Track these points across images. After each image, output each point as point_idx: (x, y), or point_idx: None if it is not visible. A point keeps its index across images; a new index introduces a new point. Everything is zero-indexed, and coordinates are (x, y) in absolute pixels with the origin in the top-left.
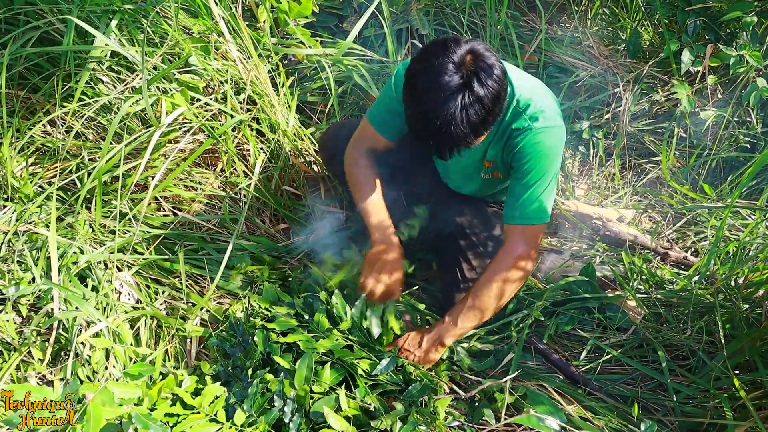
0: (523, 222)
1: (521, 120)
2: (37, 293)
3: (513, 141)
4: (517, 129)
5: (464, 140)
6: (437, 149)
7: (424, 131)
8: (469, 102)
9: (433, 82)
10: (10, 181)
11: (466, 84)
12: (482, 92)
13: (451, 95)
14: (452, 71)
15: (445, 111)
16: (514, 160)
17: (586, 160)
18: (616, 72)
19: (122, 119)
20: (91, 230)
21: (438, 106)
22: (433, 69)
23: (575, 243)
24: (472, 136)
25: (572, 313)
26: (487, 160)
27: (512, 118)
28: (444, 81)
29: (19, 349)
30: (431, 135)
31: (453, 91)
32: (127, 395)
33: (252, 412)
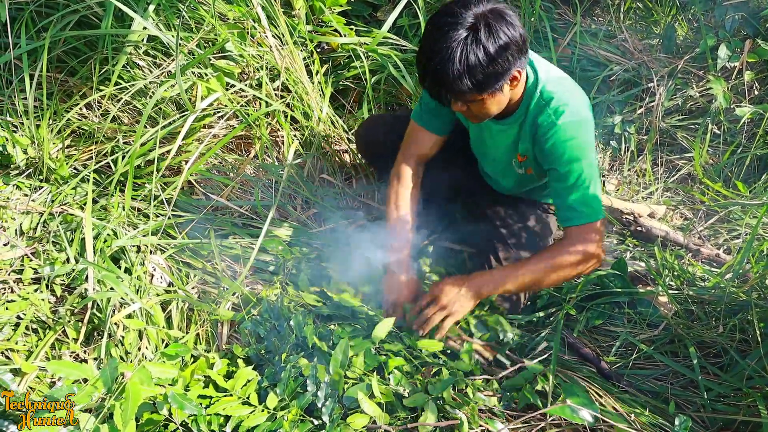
0: (579, 222)
1: (545, 114)
2: (72, 274)
3: (541, 137)
4: (542, 124)
5: (459, 81)
6: (433, 88)
7: (423, 67)
8: (471, 42)
9: (444, 21)
10: (46, 162)
11: (473, 27)
12: (487, 38)
13: (453, 31)
14: (465, 15)
15: (444, 45)
16: (548, 161)
17: (618, 154)
18: (651, 66)
19: (157, 103)
20: (124, 213)
21: (438, 39)
22: (450, 11)
23: (606, 238)
24: (468, 81)
25: (603, 308)
26: (520, 154)
27: (536, 111)
28: (453, 21)
29: (54, 328)
30: (428, 71)
31: (457, 28)
32: (164, 375)
33: (284, 396)
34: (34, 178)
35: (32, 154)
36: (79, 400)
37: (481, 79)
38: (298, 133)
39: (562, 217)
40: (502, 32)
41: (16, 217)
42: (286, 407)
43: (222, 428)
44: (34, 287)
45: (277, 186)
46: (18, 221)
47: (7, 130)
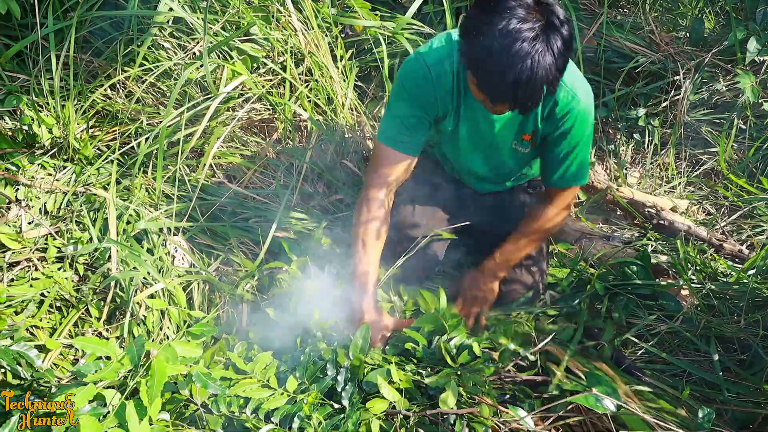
0: (573, 184)
1: (561, 93)
2: (94, 253)
3: (560, 115)
4: (561, 101)
5: (554, 83)
6: (524, 101)
7: (511, 87)
8: (554, 41)
9: (511, 31)
10: (71, 142)
11: (547, 23)
12: (562, 26)
13: (534, 39)
14: (523, 16)
15: (534, 57)
16: (561, 134)
17: (641, 147)
18: (677, 59)
19: (182, 85)
20: (147, 194)
21: (525, 55)
22: (503, 19)
23: (627, 230)
24: (558, 80)
25: (626, 300)
26: (527, 134)
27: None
28: (522, 27)
29: (77, 306)
30: (519, 89)
31: (537, 34)
32: (189, 354)
33: (304, 380)
34: (59, 157)
35: (57, 134)
36: (106, 376)
37: (566, 64)
38: (321, 117)
39: (557, 178)
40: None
41: (40, 196)
42: (305, 391)
43: (242, 410)
44: (57, 266)
45: (300, 170)
46: (42, 200)
47: (33, 110)
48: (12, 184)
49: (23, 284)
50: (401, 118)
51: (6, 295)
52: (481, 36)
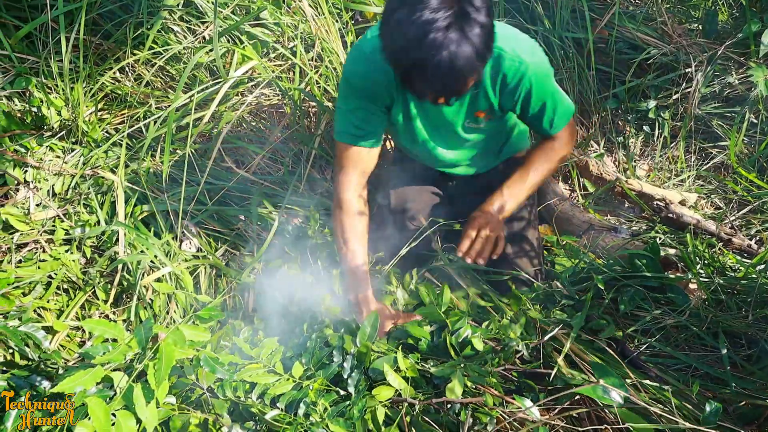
0: (561, 126)
1: (507, 61)
2: (101, 236)
3: (512, 86)
4: (509, 73)
5: (475, 74)
6: (446, 93)
7: (430, 80)
8: (470, 29)
9: (423, 23)
10: (80, 125)
11: (460, 11)
12: (478, 14)
13: (447, 31)
14: (435, 6)
15: (448, 51)
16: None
17: (650, 140)
18: (689, 51)
19: (191, 69)
20: (155, 178)
21: (438, 49)
22: (415, 10)
23: (635, 223)
24: (482, 67)
25: (633, 292)
26: (480, 110)
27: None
28: (435, 17)
29: (84, 289)
30: (438, 81)
31: (448, 23)
32: (197, 338)
33: (310, 366)
34: (67, 140)
35: (66, 116)
36: (114, 358)
37: (486, 54)
38: (331, 104)
39: (544, 130)
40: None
41: (48, 178)
42: (311, 377)
43: (248, 395)
44: (65, 248)
45: (308, 156)
46: (50, 182)
47: (42, 92)
48: (20, 166)
49: (31, 266)
50: (352, 113)
51: (14, 276)
52: (394, 30)
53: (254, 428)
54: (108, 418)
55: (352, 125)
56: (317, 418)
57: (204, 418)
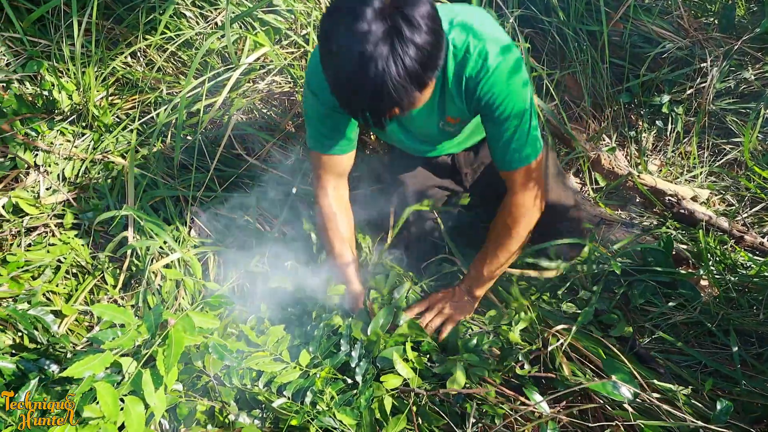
0: (523, 164)
1: (470, 64)
2: (110, 221)
3: (477, 91)
4: (471, 76)
5: (406, 97)
6: (375, 116)
7: (355, 98)
8: (402, 48)
9: (353, 36)
10: (90, 109)
11: (393, 27)
12: (414, 33)
13: (377, 46)
14: (371, 17)
15: (376, 66)
16: (485, 107)
17: (663, 135)
18: (705, 46)
19: (203, 55)
20: (165, 163)
21: (365, 63)
22: (348, 22)
23: (646, 218)
24: (415, 89)
25: (644, 286)
26: (451, 117)
27: (459, 67)
28: (365, 30)
29: (93, 274)
30: (364, 101)
31: (379, 39)
32: (206, 325)
33: (317, 354)
34: (78, 124)
35: (77, 101)
36: (124, 344)
37: (424, 76)
38: None
39: (504, 162)
40: (420, 16)
41: (59, 162)
42: (318, 365)
43: (254, 383)
44: (74, 232)
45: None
46: (61, 166)
47: (53, 75)
48: (31, 150)
49: (40, 250)
50: (320, 122)
51: (24, 260)
52: (326, 39)
53: (261, 416)
54: (116, 403)
55: (321, 134)
56: (324, 406)
57: (210, 406)
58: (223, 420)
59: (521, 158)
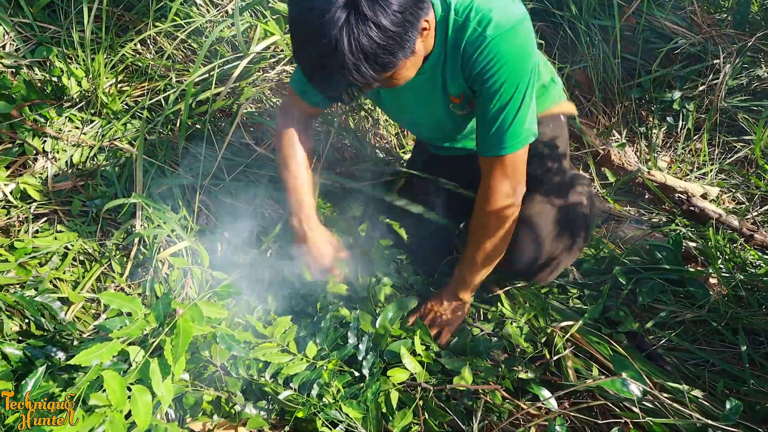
0: (501, 152)
1: (469, 30)
2: (118, 208)
3: (471, 60)
4: (468, 43)
5: (357, 73)
6: (328, 91)
7: (310, 68)
8: (355, 22)
9: (308, 6)
10: (99, 96)
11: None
12: (373, 8)
13: (327, 17)
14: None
15: (323, 40)
16: (479, 81)
17: (673, 131)
18: (718, 42)
19: (212, 43)
20: (173, 151)
21: (313, 33)
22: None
23: (655, 215)
24: (368, 68)
25: (652, 284)
26: (454, 96)
27: (457, 34)
28: (320, 3)
29: (100, 261)
30: (314, 74)
31: (330, 10)
32: (214, 315)
33: (324, 346)
34: (87, 111)
35: (86, 87)
36: (131, 332)
37: (384, 58)
38: None
39: (482, 146)
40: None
41: (67, 148)
42: (326, 357)
43: (261, 374)
44: (81, 220)
45: (327, 135)
46: (69, 153)
47: (62, 62)
48: (39, 136)
49: (48, 236)
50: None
51: (31, 246)
52: (289, 13)
53: (267, 408)
54: (124, 392)
55: (302, 81)
56: (330, 399)
57: (217, 396)
58: (229, 410)
59: (499, 145)
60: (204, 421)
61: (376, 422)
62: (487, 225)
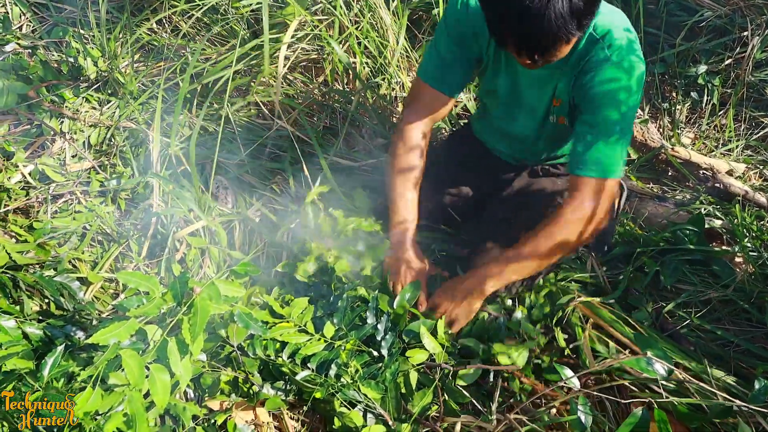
0: (596, 174)
1: (597, 50)
2: (136, 188)
3: (587, 75)
4: (592, 59)
5: (564, 30)
6: (529, 45)
7: (514, 23)
8: None
9: None
10: (116, 76)
11: None
12: None
13: None
14: None
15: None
16: (588, 98)
17: (698, 107)
18: (747, 14)
19: (228, 22)
20: (189, 130)
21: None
22: None
23: (679, 192)
24: (574, 28)
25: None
26: (556, 97)
27: (588, 47)
28: None
29: (118, 241)
30: (523, 26)
31: None
32: (232, 293)
33: (342, 326)
34: (103, 91)
35: (102, 67)
36: (149, 311)
37: (584, 21)
38: (370, 61)
39: (577, 163)
40: None
41: (84, 129)
42: (344, 337)
43: (278, 354)
44: (100, 200)
45: (345, 114)
46: (86, 133)
47: (79, 42)
48: (57, 117)
49: (66, 217)
50: (440, 54)
51: (50, 226)
52: None
53: (284, 388)
54: (142, 371)
55: (435, 66)
56: (348, 379)
57: (234, 376)
58: (247, 391)
59: (595, 167)
60: (222, 400)
61: (395, 402)
62: (556, 236)
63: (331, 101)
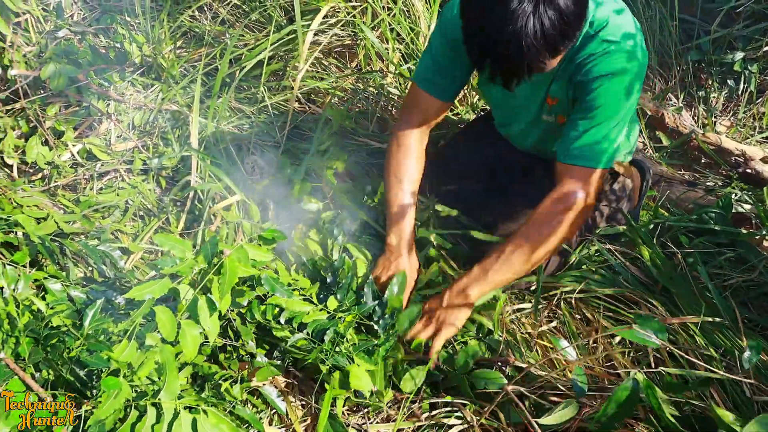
0: (583, 163)
1: (594, 44)
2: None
3: (583, 69)
4: (589, 55)
5: (537, 59)
6: (504, 74)
7: (487, 51)
8: (543, 9)
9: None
10: (159, 61)
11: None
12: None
13: (521, 3)
14: None
15: (514, 23)
16: (583, 89)
17: (734, 94)
18: None
19: (266, 9)
20: (228, 113)
21: (504, 17)
22: None
23: (710, 177)
24: (547, 54)
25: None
26: (551, 96)
27: (584, 43)
28: None
29: (158, 216)
30: (495, 55)
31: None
32: (259, 258)
33: (345, 302)
34: (148, 76)
35: (147, 53)
36: (181, 270)
37: (559, 46)
38: (402, 47)
39: (565, 151)
40: None
41: (129, 111)
42: (346, 311)
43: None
44: (142, 177)
45: (377, 98)
46: (131, 115)
47: (125, 28)
48: (104, 99)
49: (110, 193)
50: (434, 58)
51: (95, 200)
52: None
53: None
54: (174, 326)
55: (430, 70)
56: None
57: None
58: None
59: (582, 155)
60: None
61: (385, 380)
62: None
63: (364, 85)
